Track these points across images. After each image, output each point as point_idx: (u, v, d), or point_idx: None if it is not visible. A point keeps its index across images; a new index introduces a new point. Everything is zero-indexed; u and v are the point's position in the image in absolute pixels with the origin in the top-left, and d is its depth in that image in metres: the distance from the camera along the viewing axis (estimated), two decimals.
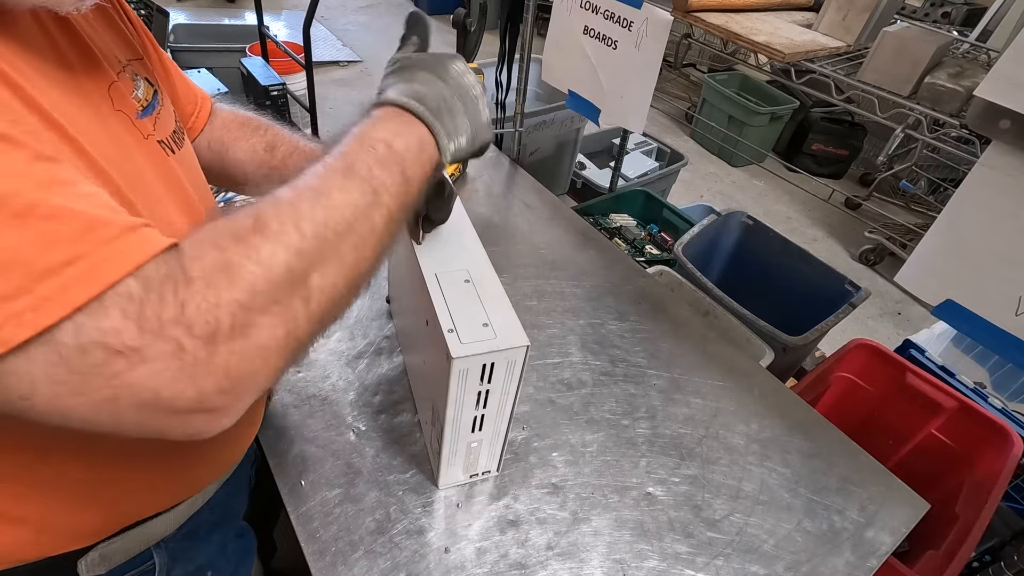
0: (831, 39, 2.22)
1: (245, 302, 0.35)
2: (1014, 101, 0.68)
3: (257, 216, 0.38)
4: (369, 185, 0.43)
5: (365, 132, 0.46)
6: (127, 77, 0.51)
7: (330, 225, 0.40)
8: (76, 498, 0.50)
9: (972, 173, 0.76)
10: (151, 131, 0.52)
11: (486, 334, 0.59)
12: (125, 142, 0.47)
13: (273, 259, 0.37)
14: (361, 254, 0.42)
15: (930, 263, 0.83)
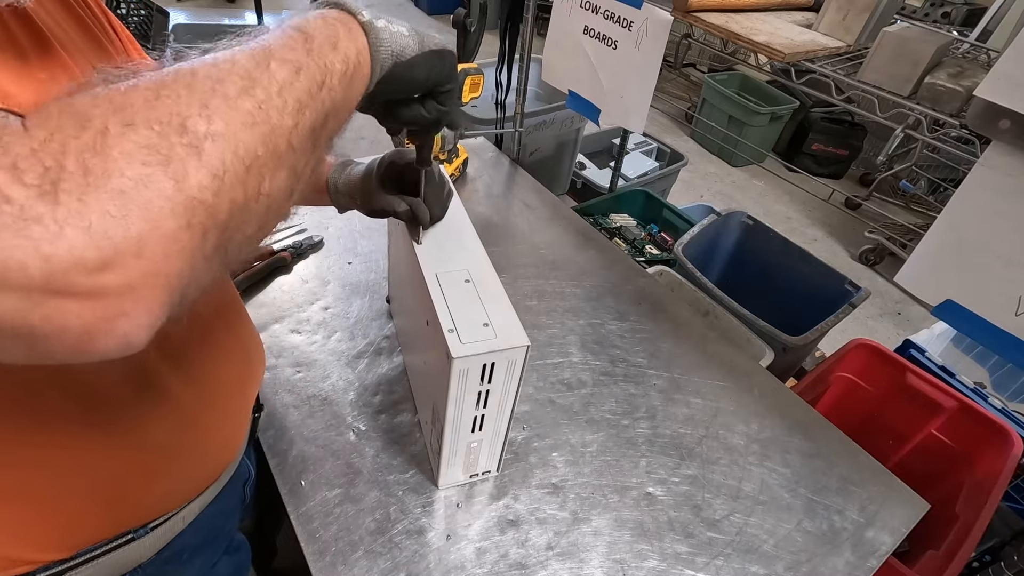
0: (831, 39, 2.22)
1: (94, 140, 0.27)
2: (1014, 101, 0.68)
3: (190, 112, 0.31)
4: (260, 45, 0.36)
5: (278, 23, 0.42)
6: (98, 80, 0.49)
7: (203, 71, 0.32)
8: (15, 517, 0.47)
9: (972, 173, 0.76)
10: None
11: (486, 334, 0.59)
12: None
13: (131, 95, 0.29)
14: (266, 108, 0.34)
15: (930, 263, 0.83)
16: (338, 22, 0.43)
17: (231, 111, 0.32)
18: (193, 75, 0.32)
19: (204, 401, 0.58)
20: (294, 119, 0.35)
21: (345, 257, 1.10)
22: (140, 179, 0.27)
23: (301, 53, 0.38)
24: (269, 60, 0.36)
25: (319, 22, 0.42)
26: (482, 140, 1.58)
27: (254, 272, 1.00)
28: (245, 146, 0.32)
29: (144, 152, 0.28)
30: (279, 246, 1.08)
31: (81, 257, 0.25)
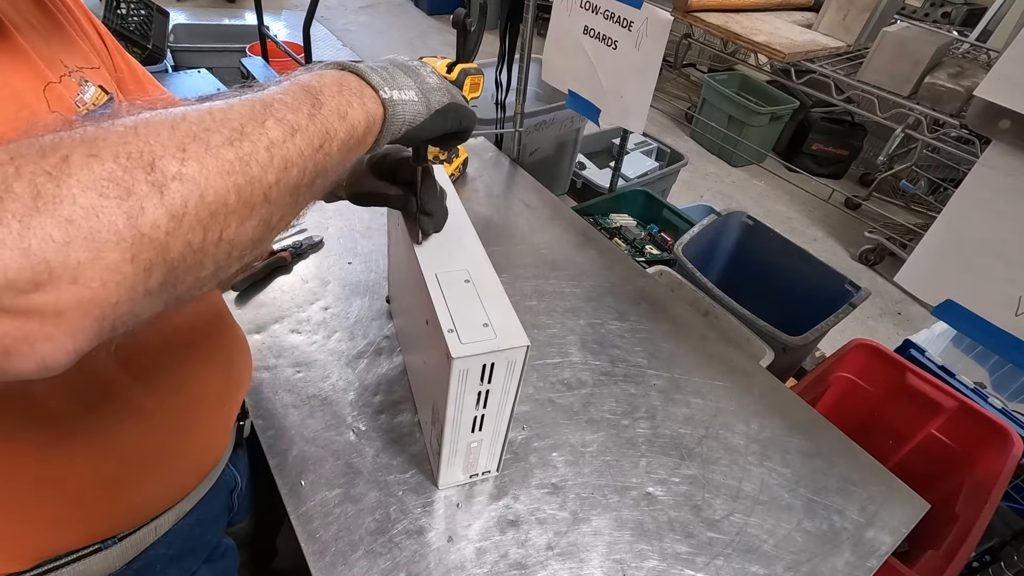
0: (831, 39, 2.22)
1: (53, 167, 0.27)
2: (1014, 101, 0.68)
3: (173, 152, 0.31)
4: (261, 102, 0.36)
5: (288, 79, 0.42)
6: (72, 82, 0.48)
7: (194, 116, 0.32)
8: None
9: (972, 173, 0.76)
10: None
11: (486, 334, 0.59)
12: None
13: (108, 130, 0.30)
14: (248, 160, 0.33)
15: (930, 263, 0.83)
16: (354, 94, 0.43)
17: (210, 157, 0.32)
18: (183, 119, 0.32)
19: (176, 412, 0.58)
20: (277, 176, 0.35)
21: (345, 257, 1.10)
22: (92, 208, 0.27)
23: (303, 116, 0.38)
24: (266, 117, 0.35)
25: (334, 88, 0.42)
26: (482, 140, 1.58)
27: (254, 272, 1.00)
28: (215, 192, 0.31)
29: (104, 183, 0.28)
30: (279, 246, 1.08)
31: (14, 278, 0.25)
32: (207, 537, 0.71)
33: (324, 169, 0.39)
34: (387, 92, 0.46)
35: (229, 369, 0.66)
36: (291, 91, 0.39)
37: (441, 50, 4.32)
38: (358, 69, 0.45)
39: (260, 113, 0.35)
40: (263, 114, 0.35)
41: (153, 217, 0.29)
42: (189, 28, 3.08)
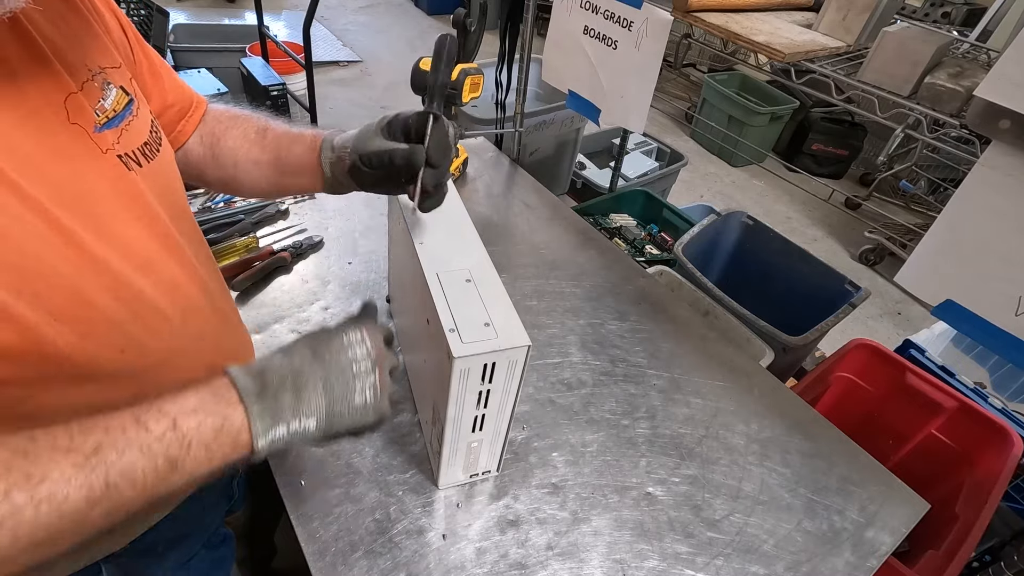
0: (831, 39, 2.23)
1: None
2: (1014, 101, 0.68)
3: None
4: (103, 480, 0.39)
5: (162, 399, 0.43)
6: (95, 86, 0.49)
7: (9, 528, 0.35)
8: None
9: (972, 173, 0.76)
10: (111, 145, 0.49)
11: (487, 334, 0.59)
12: (73, 157, 0.45)
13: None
14: (48, 554, 0.38)
15: (930, 263, 0.83)
16: (225, 444, 0.44)
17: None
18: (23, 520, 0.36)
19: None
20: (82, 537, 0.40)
21: (345, 257, 1.10)
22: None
23: (155, 487, 0.41)
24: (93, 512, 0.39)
25: (201, 450, 0.43)
26: (482, 140, 1.58)
27: (254, 272, 1.00)
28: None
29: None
30: (279, 246, 1.08)
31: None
32: (207, 521, 0.72)
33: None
34: (268, 437, 0.46)
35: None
36: (154, 447, 0.41)
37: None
38: (248, 406, 0.45)
39: (84, 504, 0.38)
40: (93, 501, 0.38)
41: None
42: (189, 28, 3.09)
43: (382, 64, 4.07)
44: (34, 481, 0.36)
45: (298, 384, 0.46)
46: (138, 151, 0.53)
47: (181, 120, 0.70)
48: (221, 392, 0.44)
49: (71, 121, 0.45)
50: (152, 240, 0.52)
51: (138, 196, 0.52)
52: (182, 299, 0.55)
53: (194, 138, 0.72)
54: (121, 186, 0.50)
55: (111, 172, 0.49)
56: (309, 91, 2.50)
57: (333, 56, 4.01)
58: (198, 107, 0.72)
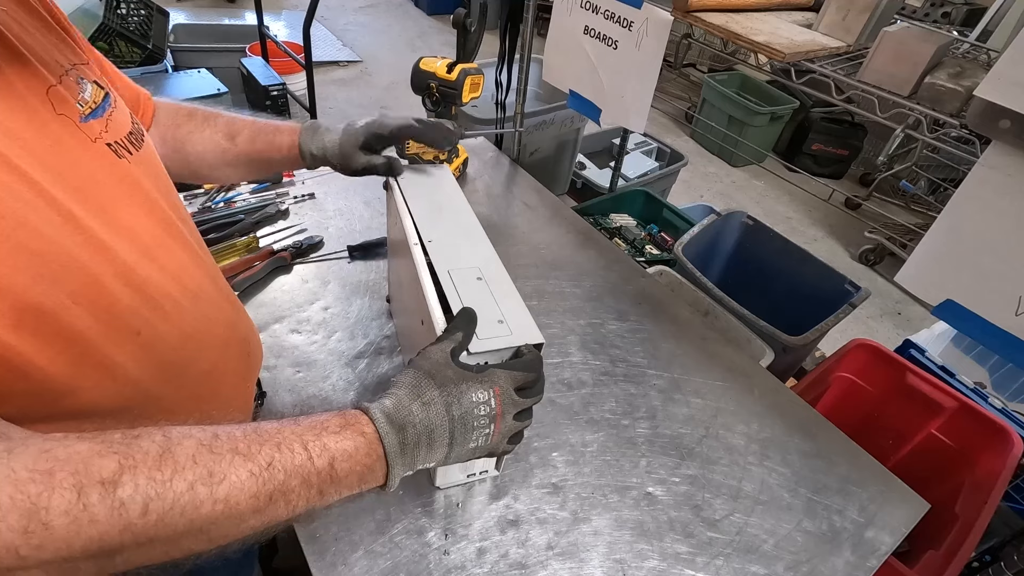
0: (831, 39, 2.23)
1: (22, 545, 0.33)
2: (1014, 101, 0.68)
3: (123, 466, 0.36)
4: (268, 493, 0.42)
5: (324, 430, 0.46)
6: (71, 80, 0.49)
7: (187, 516, 0.38)
8: None
9: (972, 173, 0.76)
10: (99, 134, 0.50)
11: (502, 330, 0.59)
12: (68, 146, 0.46)
13: (91, 528, 0.35)
14: (195, 547, 0.40)
15: (930, 263, 0.83)
16: (365, 480, 0.49)
17: (160, 553, 0.39)
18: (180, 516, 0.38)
19: (199, 399, 0.59)
20: (223, 544, 0.42)
21: (345, 257, 1.10)
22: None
23: (302, 509, 0.45)
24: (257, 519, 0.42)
25: (353, 477, 0.47)
26: (482, 140, 1.58)
27: (254, 272, 1.00)
28: (145, 564, 0.39)
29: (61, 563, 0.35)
30: (279, 246, 1.08)
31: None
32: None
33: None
34: (399, 475, 0.50)
35: (247, 349, 0.68)
36: (314, 479, 0.44)
37: (441, 50, 4.32)
38: (392, 465, 0.49)
39: (250, 510, 0.41)
40: (255, 511, 0.41)
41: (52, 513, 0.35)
42: (189, 28, 3.09)
43: (382, 64, 4.07)
44: (216, 479, 0.39)
45: (431, 440, 0.51)
46: (125, 140, 0.53)
47: (136, 116, 0.70)
48: (373, 446, 0.48)
49: (57, 112, 0.46)
50: (155, 226, 0.53)
51: (135, 183, 0.52)
52: (190, 283, 0.57)
53: (155, 138, 0.73)
54: (117, 174, 0.50)
55: (104, 160, 0.49)
56: (309, 91, 2.50)
57: (333, 56, 4.02)
58: (147, 102, 0.73)
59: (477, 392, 0.52)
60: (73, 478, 0.35)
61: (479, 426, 0.52)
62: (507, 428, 0.55)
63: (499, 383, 0.53)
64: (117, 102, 0.55)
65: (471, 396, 0.52)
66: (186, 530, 0.38)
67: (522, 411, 0.56)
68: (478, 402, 0.52)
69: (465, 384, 0.52)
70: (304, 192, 1.23)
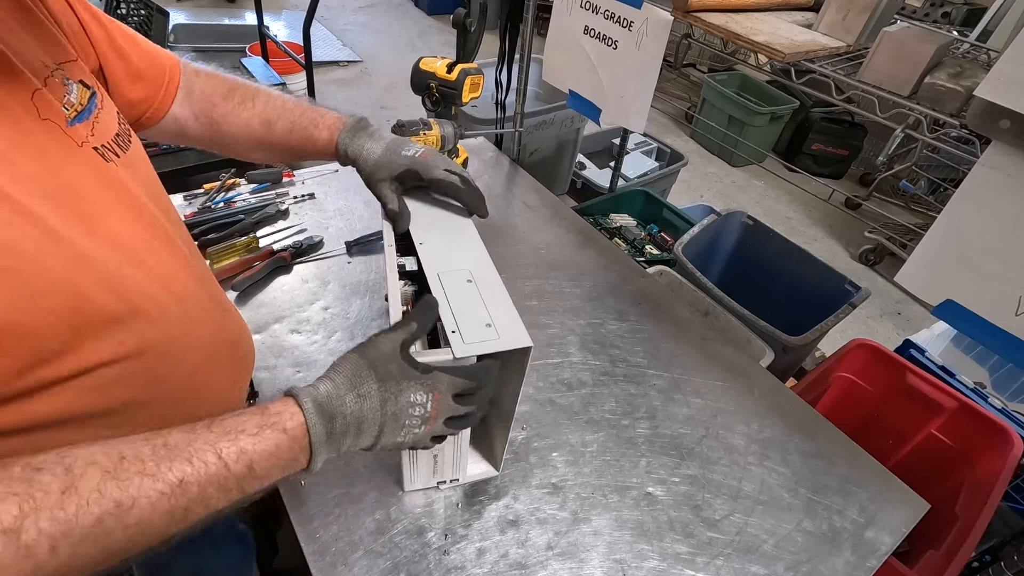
0: (831, 39, 2.23)
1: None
2: (1014, 101, 0.68)
3: (23, 511, 0.36)
4: (184, 506, 0.42)
5: (240, 433, 0.46)
6: (56, 82, 0.48)
7: (100, 544, 0.38)
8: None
9: (972, 173, 0.76)
10: (85, 138, 0.49)
11: (489, 334, 0.59)
12: (50, 153, 0.45)
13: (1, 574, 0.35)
14: (116, 561, 0.41)
15: (930, 263, 0.83)
16: (286, 466, 0.48)
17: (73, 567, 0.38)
18: (89, 546, 0.38)
19: (186, 402, 0.59)
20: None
21: (345, 257, 1.10)
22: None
23: (219, 507, 0.44)
24: (173, 527, 0.42)
25: (275, 469, 0.47)
26: (482, 140, 1.58)
27: (254, 272, 1.00)
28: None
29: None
30: (279, 246, 1.08)
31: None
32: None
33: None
34: (321, 459, 0.50)
35: (237, 353, 0.68)
36: (230, 482, 0.44)
37: (441, 50, 4.32)
38: (315, 454, 0.49)
39: (164, 524, 0.41)
40: (170, 523, 0.42)
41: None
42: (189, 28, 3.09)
43: (382, 64, 4.07)
44: (123, 508, 0.39)
45: (360, 429, 0.51)
46: (112, 142, 0.52)
47: (159, 91, 0.68)
48: (298, 439, 0.48)
49: (42, 117, 0.45)
50: (143, 230, 0.53)
51: (122, 187, 0.52)
52: (177, 287, 0.56)
53: (184, 111, 0.71)
54: (104, 178, 0.50)
55: (91, 165, 0.49)
56: (309, 91, 2.50)
57: (333, 56, 4.01)
58: (172, 75, 0.70)
59: (416, 393, 0.52)
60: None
61: (409, 425, 0.53)
62: (435, 429, 0.55)
63: (440, 388, 0.53)
64: (104, 101, 0.54)
65: (409, 396, 0.52)
66: (102, 555, 0.39)
67: (455, 417, 0.56)
68: (414, 403, 0.52)
69: (406, 383, 0.52)
70: (304, 192, 1.23)
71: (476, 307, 0.62)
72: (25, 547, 0.35)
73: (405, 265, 0.68)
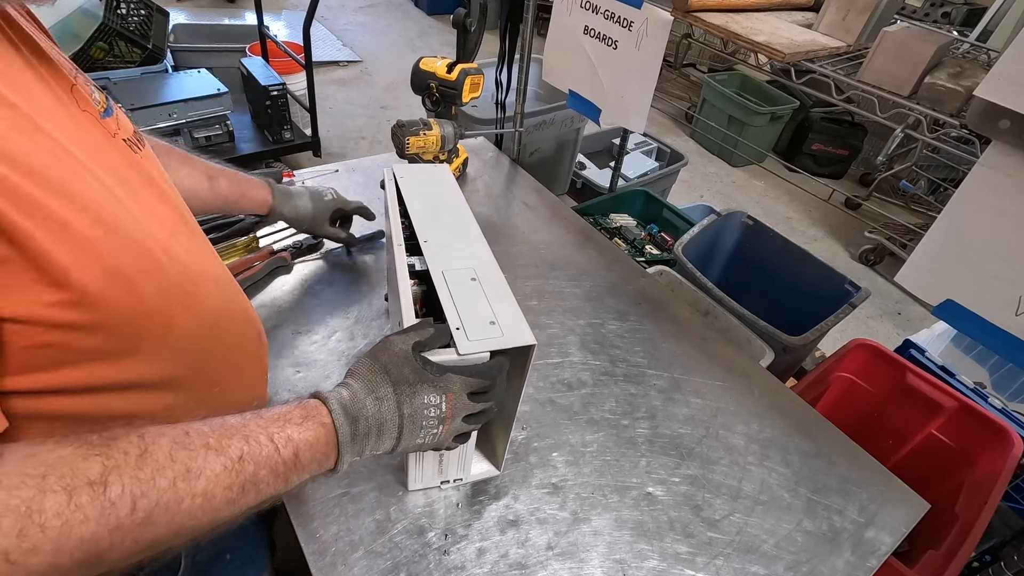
0: (831, 39, 2.23)
1: (14, 550, 0.33)
2: (1014, 101, 0.68)
3: (107, 467, 0.37)
4: (241, 484, 0.44)
5: (288, 422, 0.49)
6: (81, 82, 0.53)
7: (170, 512, 0.40)
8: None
9: (972, 173, 0.76)
10: (115, 131, 0.53)
11: (493, 332, 0.59)
12: (96, 138, 0.49)
13: (83, 528, 0.36)
14: (171, 542, 0.42)
15: (930, 263, 0.83)
16: (319, 463, 0.51)
17: (136, 549, 0.39)
18: (159, 513, 0.39)
19: (215, 383, 0.62)
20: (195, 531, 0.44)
21: (345, 257, 1.10)
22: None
23: (268, 495, 0.47)
24: (230, 509, 0.44)
25: (312, 464, 0.50)
26: (482, 140, 1.58)
27: (254, 272, 1.00)
28: (120, 560, 0.39)
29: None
30: (279, 246, 1.08)
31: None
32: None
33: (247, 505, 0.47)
34: (347, 461, 0.52)
35: (258, 331, 0.70)
36: (281, 469, 0.47)
37: (441, 50, 4.32)
38: (342, 454, 0.51)
39: (225, 501, 0.43)
40: (229, 502, 0.44)
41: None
42: (189, 28, 3.08)
43: (382, 64, 4.07)
44: (194, 475, 0.41)
45: (380, 431, 0.53)
46: (133, 138, 0.56)
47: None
48: (331, 435, 0.51)
49: (81, 108, 0.49)
50: (172, 213, 0.56)
51: (150, 176, 0.55)
52: (210, 270, 0.60)
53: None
54: (134, 166, 0.54)
55: (124, 153, 0.53)
56: (309, 91, 2.50)
57: (333, 56, 4.01)
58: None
59: (430, 395, 0.54)
60: (62, 481, 0.35)
61: (427, 426, 0.55)
62: (455, 428, 0.58)
63: (453, 389, 0.55)
64: (117, 109, 0.58)
65: (423, 398, 0.54)
66: (167, 526, 0.40)
67: (473, 414, 0.58)
68: (429, 404, 0.54)
69: (420, 385, 0.54)
70: None
71: (480, 305, 0.62)
72: (110, 502, 0.37)
73: (415, 264, 0.68)
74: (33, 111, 0.41)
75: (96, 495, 0.36)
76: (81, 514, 0.35)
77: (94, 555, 0.37)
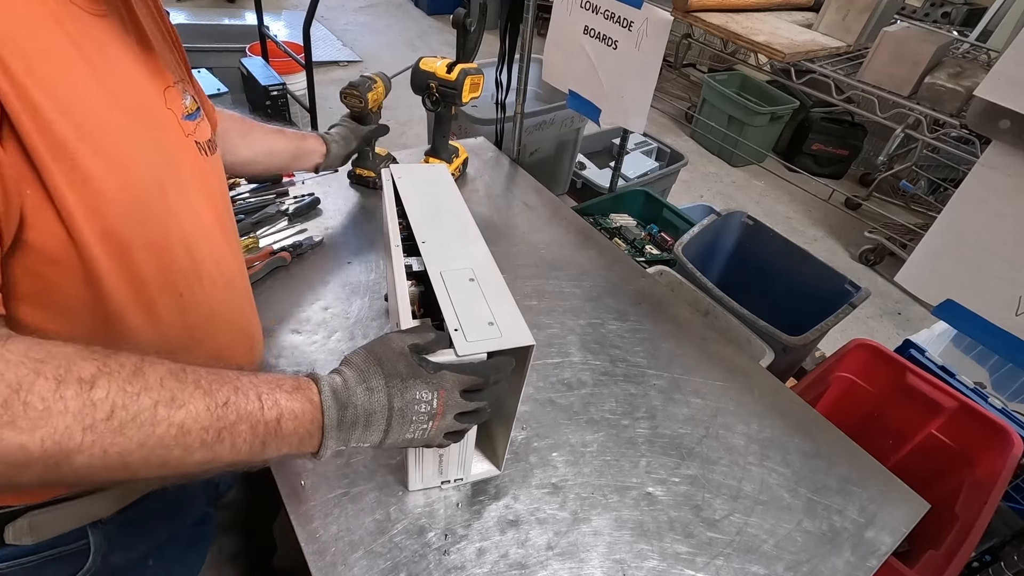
0: (831, 39, 2.23)
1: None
2: (1014, 101, 0.68)
3: (100, 371, 0.40)
4: (219, 429, 0.45)
5: (278, 387, 0.49)
6: (178, 89, 0.60)
7: (144, 432, 0.41)
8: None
9: (972, 173, 0.76)
10: (191, 132, 0.60)
11: (491, 332, 0.59)
12: (169, 131, 0.57)
13: (60, 419, 0.37)
14: (139, 470, 0.43)
15: (930, 263, 0.83)
16: (304, 441, 0.51)
17: (110, 465, 0.40)
18: (138, 431, 0.41)
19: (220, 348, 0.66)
20: (170, 472, 0.44)
21: (345, 257, 1.10)
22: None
23: (243, 455, 0.47)
24: (203, 451, 0.44)
25: (290, 441, 0.50)
26: (482, 140, 1.58)
27: (254, 272, 1.00)
28: (91, 473, 0.41)
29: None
30: (279, 246, 1.08)
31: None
32: (196, 501, 0.76)
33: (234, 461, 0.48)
34: (328, 454, 0.52)
35: (252, 346, 0.74)
36: (261, 430, 0.47)
37: (441, 50, 4.32)
38: (326, 438, 0.51)
39: (201, 441, 0.44)
40: (205, 443, 0.44)
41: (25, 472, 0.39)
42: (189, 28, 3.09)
43: (382, 64, 4.07)
44: (176, 404, 0.43)
45: (368, 422, 0.53)
46: (206, 144, 0.64)
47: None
48: (316, 414, 0.51)
49: (167, 107, 0.57)
50: (211, 215, 0.62)
51: (205, 178, 0.62)
52: (226, 271, 0.65)
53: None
54: (196, 165, 0.61)
55: (191, 152, 0.60)
56: (309, 91, 2.50)
57: (333, 56, 4.01)
58: (212, 116, 0.83)
59: (422, 391, 0.54)
60: (57, 371, 0.38)
61: (417, 421, 0.55)
62: (446, 425, 0.57)
63: (445, 385, 0.55)
64: (203, 116, 0.66)
65: (415, 393, 0.54)
66: (138, 447, 0.41)
67: (465, 413, 0.58)
68: (420, 400, 0.54)
69: (412, 380, 0.54)
70: (304, 192, 1.23)
71: (478, 305, 0.62)
72: (91, 402, 0.39)
73: (412, 265, 0.68)
74: (115, 83, 0.48)
75: (81, 392, 0.38)
76: (63, 404, 0.38)
77: (63, 450, 0.38)
